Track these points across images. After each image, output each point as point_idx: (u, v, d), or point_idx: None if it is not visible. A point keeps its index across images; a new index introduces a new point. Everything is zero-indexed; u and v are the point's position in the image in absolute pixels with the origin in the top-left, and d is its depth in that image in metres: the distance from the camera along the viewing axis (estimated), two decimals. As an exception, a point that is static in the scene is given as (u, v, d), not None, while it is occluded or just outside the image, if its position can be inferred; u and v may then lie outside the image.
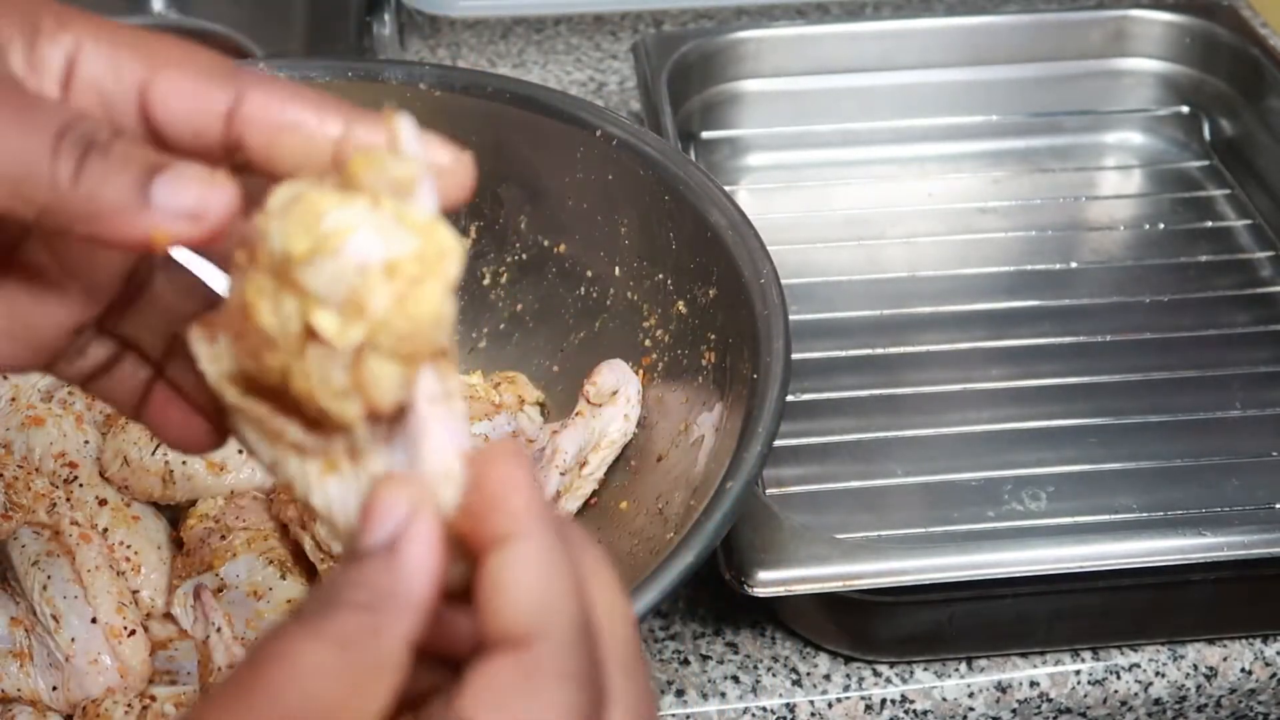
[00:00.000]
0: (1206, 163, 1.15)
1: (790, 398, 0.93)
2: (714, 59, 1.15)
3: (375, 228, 0.41)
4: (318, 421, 0.43)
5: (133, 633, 0.74)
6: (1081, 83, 1.19)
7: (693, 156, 1.12)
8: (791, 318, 0.79)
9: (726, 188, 0.87)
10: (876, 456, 0.91)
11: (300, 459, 0.44)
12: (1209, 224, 1.10)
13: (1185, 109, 1.18)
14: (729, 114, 1.16)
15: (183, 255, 0.48)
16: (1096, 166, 1.18)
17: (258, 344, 0.43)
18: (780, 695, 0.81)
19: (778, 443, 0.74)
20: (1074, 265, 1.07)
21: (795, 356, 0.77)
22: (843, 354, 0.99)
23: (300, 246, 0.41)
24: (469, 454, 0.43)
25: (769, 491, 0.87)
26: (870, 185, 1.15)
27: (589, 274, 0.90)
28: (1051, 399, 0.95)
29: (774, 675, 0.82)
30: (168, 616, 0.78)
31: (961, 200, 1.13)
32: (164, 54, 0.46)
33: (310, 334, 0.41)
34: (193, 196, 0.43)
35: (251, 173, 0.47)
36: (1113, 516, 0.87)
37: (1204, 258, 1.07)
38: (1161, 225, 1.11)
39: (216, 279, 0.48)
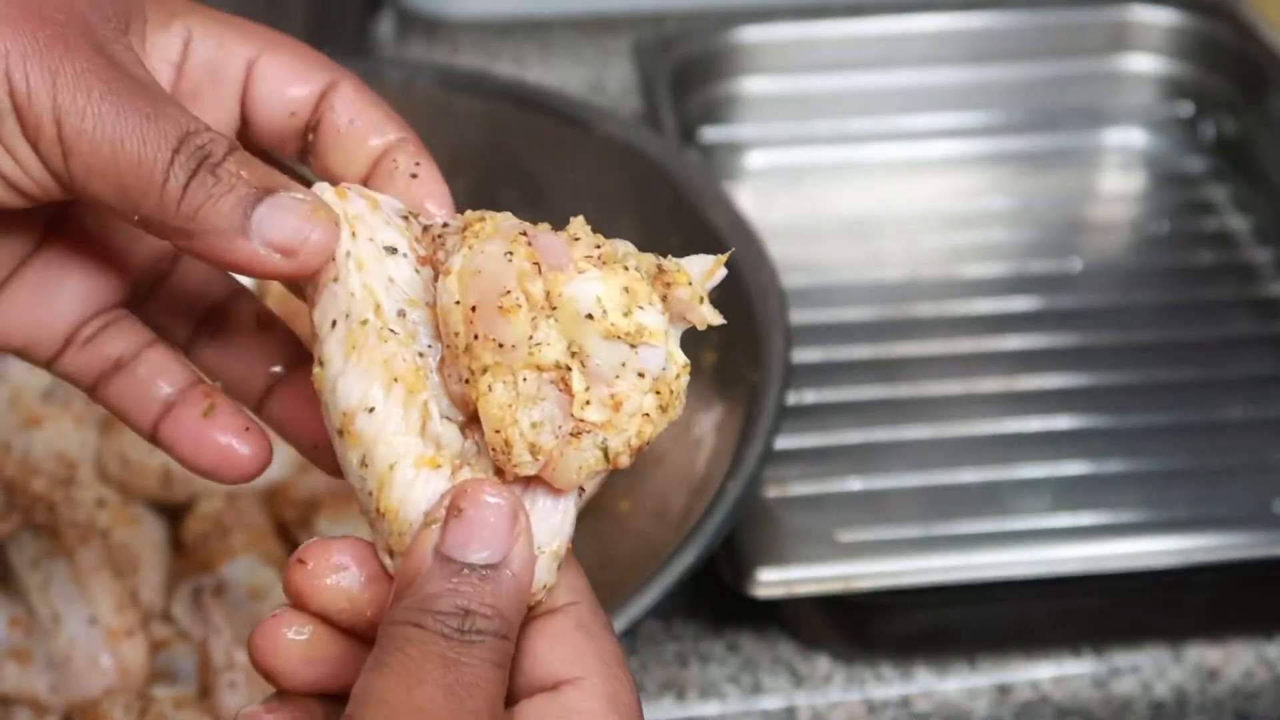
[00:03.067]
0: (1208, 163, 1.15)
1: (790, 399, 0.93)
2: (714, 59, 1.15)
3: (667, 349, 0.45)
4: (469, 413, 0.45)
5: (132, 633, 0.74)
6: (1082, 82, 1.19)
7: (693, 157, 1.12)
8: (791, 318, 0.79)
9: (726, 188, 0.86)
10: (877, 458, 0.91)
11: (405, 423, 0.45)
12: (1211, 225, 1.10)
13: (1187, 108, 1.18)
14: (729, 114, 1.16)
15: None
16: (1097, 166, 1.18)
17: (488, 322, 0.44)
18: (781, 696, 0.81)
19: (778, 444, 0.74)
20: (1075, 266, 1.07)
21: (795, 359, 0.77)
22: (843, 356, 0.98)
23: (613, 317, 0.44)
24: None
25: (769, 493, 0.87)
26: (870, 185, 1.14)
27: (589, 274, 0.90)
28: (1053, 402, 0.95)
29: (774, 676, 0.82)
30: (168, 616, 0.78)
31: (961, 200, 1.13)
32: (271, 37, 0.49)
33: (550, 371, 0.44)
34: (291, 229, 0.44)
35: (303, 163, 0.49)
36: (1114, 519, 0.87)
37: (1206, 259, 1.07)
38: (1163, 226, 1.11)
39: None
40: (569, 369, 0.44)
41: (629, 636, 0.82)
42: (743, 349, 0.78)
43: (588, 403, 0.44)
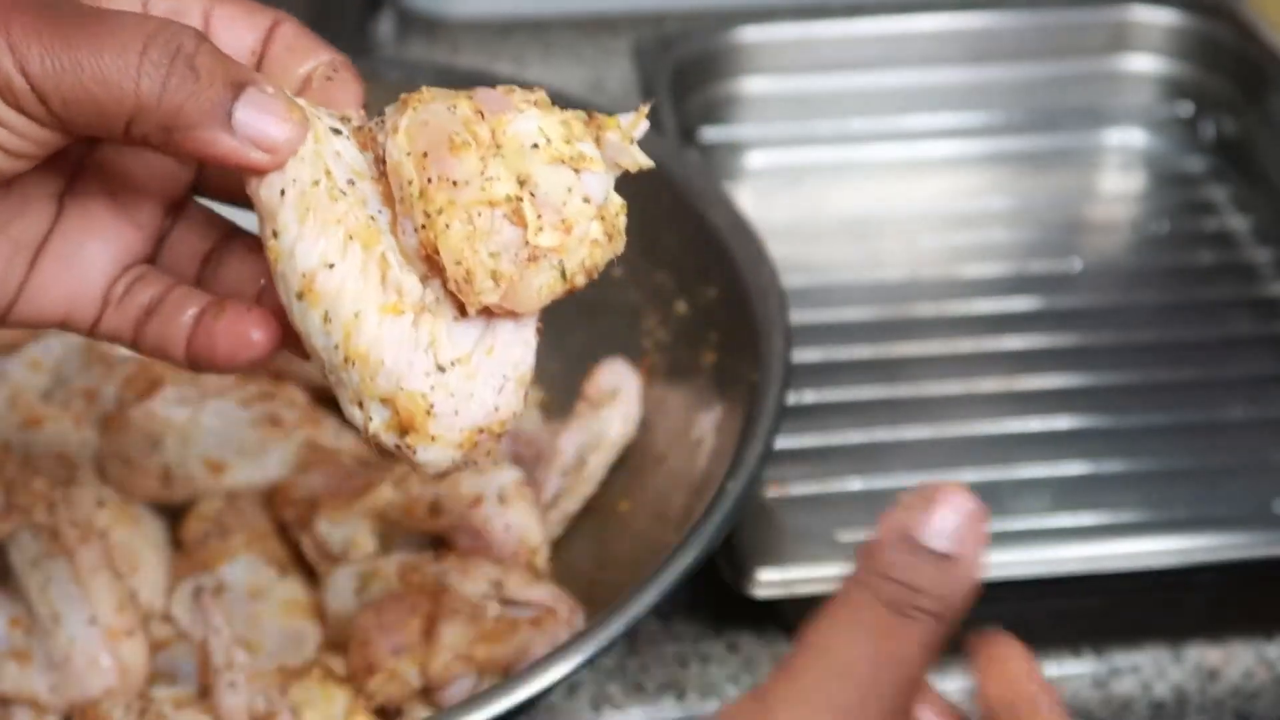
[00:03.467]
0: (1208, 162, 1.15)
1: (790, 399, 0.93)
2: (714, 59, 1.15)
3: (608, 179, 0.49)
4: (428, 261, 0.48)
5: (132, 633, 0.74)
6: (1082, 82, 1.19)
7: (693, 157, 1.12)
8: (791, 318, 0.79)
9: (726, 188, 0.86)
10: (877, 458, 0.91)
11: (364, 275, 0.48)
12: (1211, 225, 1.10)
13: (1187, 108, 1.18)
14: (729, 114, 1.16)
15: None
16: (1097, 166, 1.18)
17: (441, 163, 0.47)
18: (780, 696, 0.81)
19: (778, 444, 0.74)
20: (1075, 267, 1.07)
21: (795, 359, 0.77)
22: (843, 356, 0.98)
23: (556, 145, 0.47)
24: None
25: (769, 493, 0.87)
26: (870, 185, 1.14)
27: (589, 274, 0.90)
28: (1052, 402, 0.95)
29: (774, 676, 0.82)
30: (167, 617, 0.78)
31: (961, 200, 1.13)
32: None
33: (502, 205, 0.47)
34: (272, 127, 0.48)
35: None
36: (1114, 519, 0.87)
37: (1206, 259, 1.07)
38: (1163, 226, 1.11)
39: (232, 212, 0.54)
40: (520, 200, 0.47)
41: (629, 636, 0.82)
42: (743, 349, 0.78)
43: (540, 229, 0.47)
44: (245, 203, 0.52)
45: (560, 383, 0.90)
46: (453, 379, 0.48)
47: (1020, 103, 1.18)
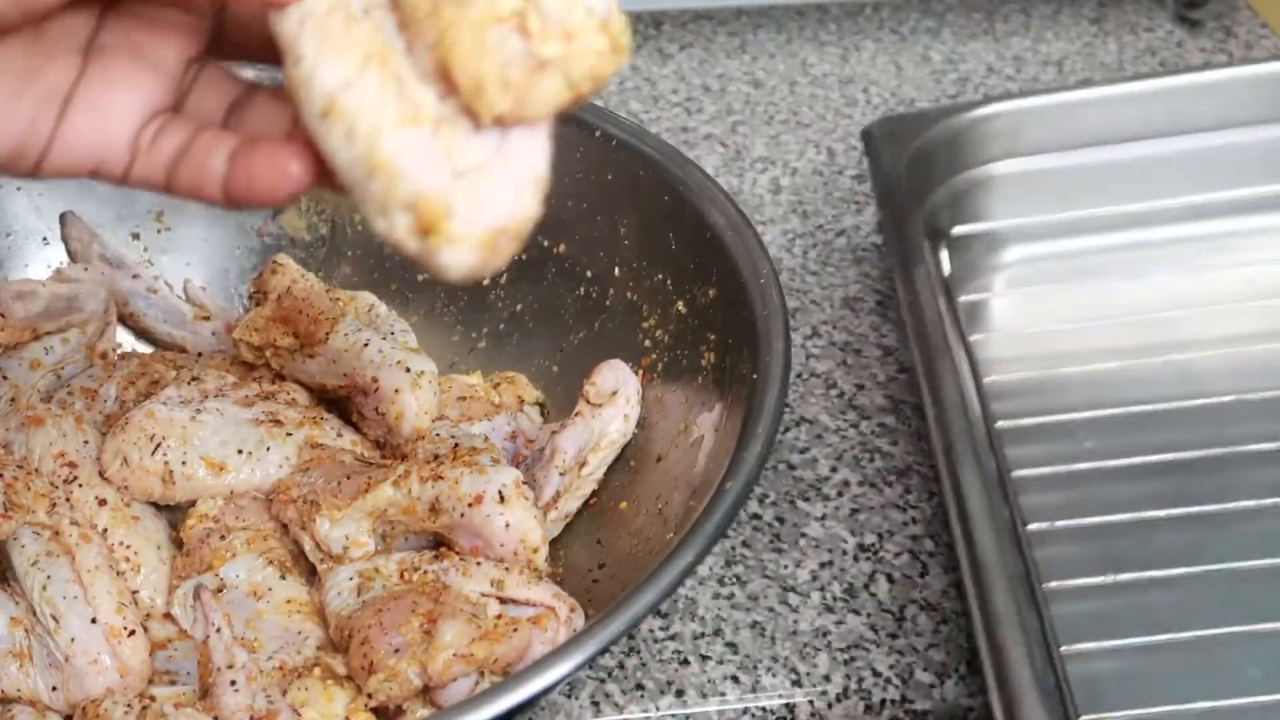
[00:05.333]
0: None
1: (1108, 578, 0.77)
2: (957, 141, 0.98)
3: None
4: (442, 77, 0.50)
5: (133, 633, 0.74)
6: None
7: (943, 256, 0.96)
8: (1089, 462, 0.69)
9: (980, 291, 0.76)
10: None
11: (382, 91, 0.50)
12: None
13: None
14: (980, 204, 0.99)
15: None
16: None
17: None
18: (780, 695, 0.81)
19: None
20: None
21: (1104, 518, 0.70)
22: (1159, 513, 0.80)
23: None
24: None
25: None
26: (1162, 275, 0.95)
27: (589, 274, 0.90)
28: None
29: (773, 675, 0.82)
30: (168, 616, 0.78)
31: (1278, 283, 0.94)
32: None
33: (509, 21, 0.49)
34: None
35: None
36: None
37: None
38: None
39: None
40: (524, 13, 0.49)
41: (629, 636, 0.82)
42: (742, 349, 0.78)
43: (545, 40, 0.49)
44: (261, 60, 0.54)
45: (560, 383, 0.90)
46: (471, 183, 0.50)
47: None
